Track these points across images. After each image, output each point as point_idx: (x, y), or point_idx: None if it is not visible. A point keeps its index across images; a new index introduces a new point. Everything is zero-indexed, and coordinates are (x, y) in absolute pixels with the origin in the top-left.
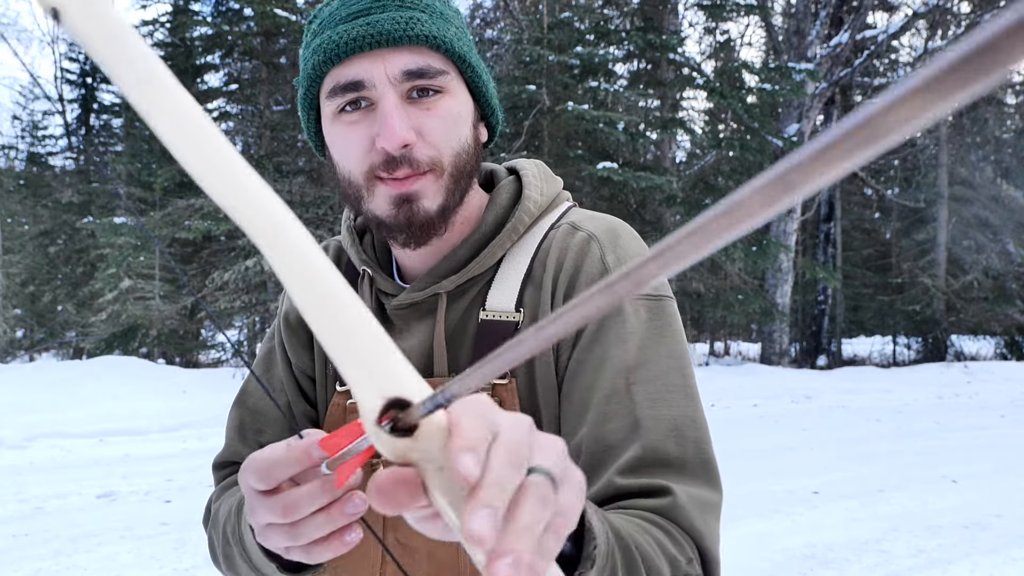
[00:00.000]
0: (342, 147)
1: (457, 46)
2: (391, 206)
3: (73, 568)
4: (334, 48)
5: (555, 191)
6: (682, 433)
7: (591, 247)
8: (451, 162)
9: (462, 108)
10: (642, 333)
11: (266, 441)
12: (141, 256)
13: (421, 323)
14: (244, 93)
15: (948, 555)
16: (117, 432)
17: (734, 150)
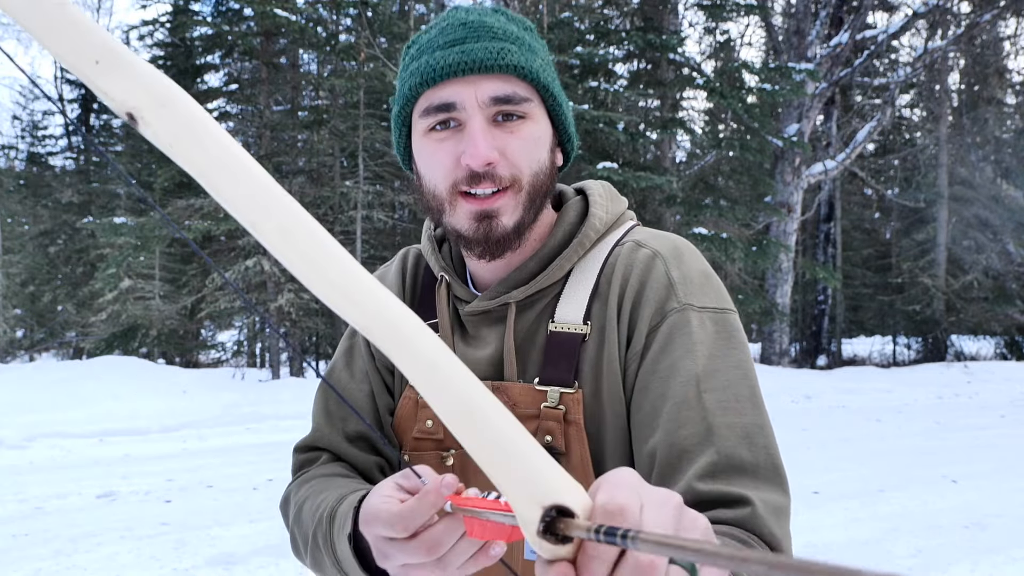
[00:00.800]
0: (429, 162)
1: (542, 76)
2: (472, 221)
3: (73, 568)
4: (430, 72)
5: (620, 210)
6: (753, 440)
7: (656, 264)
8: (529, 181)
9: (542, 133)
10: (709, 344)
11: (351, 430)
12: (141, 256)
13: (492, 330)
14: (244, 93)
15: (948, 555)
16: (117, 432)
17: (734, 150)
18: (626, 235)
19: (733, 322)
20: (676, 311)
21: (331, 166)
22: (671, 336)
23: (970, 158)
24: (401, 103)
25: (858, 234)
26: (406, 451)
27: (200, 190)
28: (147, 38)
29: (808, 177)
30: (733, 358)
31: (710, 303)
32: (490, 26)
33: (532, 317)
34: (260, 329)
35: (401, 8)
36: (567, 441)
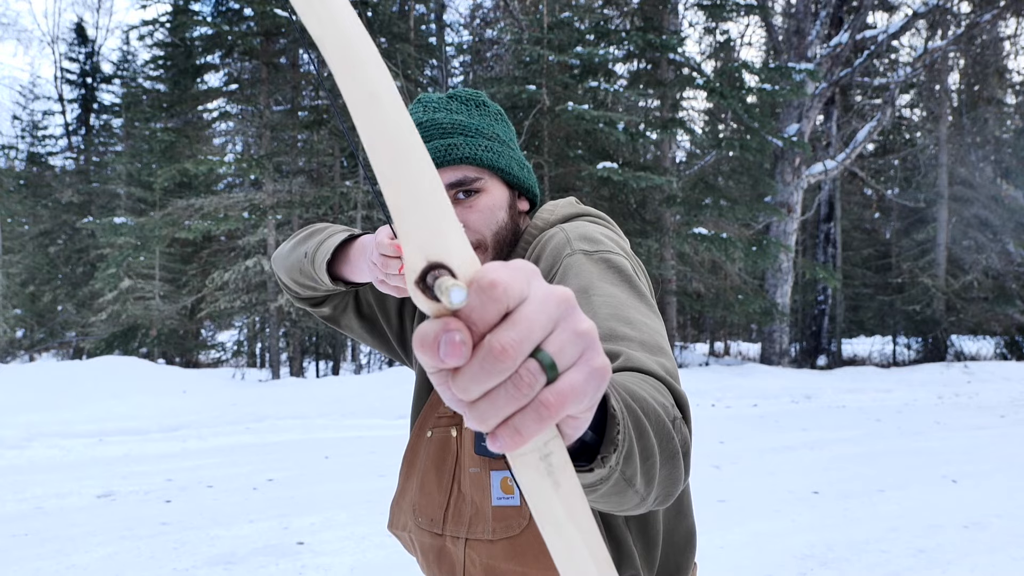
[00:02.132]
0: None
1: (487, 159)
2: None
3: (73, 568)
4: None
5: (565, 213)
6: (631, 321)
7: (557, 233)
8: (492, 240)
9: (497, 199)
10: (596, 275)
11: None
12: (141, 256)
13: None
14: (244, 93)
15: (948, 555)
16: (117, 432)
17: (734, 150)
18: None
19: (619, 262)
20: (568, 255)
21: (331, 166)
22: (564, 273)
23: (970, 158)
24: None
25: (858, 234)
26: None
27: (200, 190)
28: (147, 38)
29: (808, 177)
30: (620, 287)
31: (599, 248)
32: (439, 123)
33: None
34: (260, 329)
35: (401, 8)
36: None
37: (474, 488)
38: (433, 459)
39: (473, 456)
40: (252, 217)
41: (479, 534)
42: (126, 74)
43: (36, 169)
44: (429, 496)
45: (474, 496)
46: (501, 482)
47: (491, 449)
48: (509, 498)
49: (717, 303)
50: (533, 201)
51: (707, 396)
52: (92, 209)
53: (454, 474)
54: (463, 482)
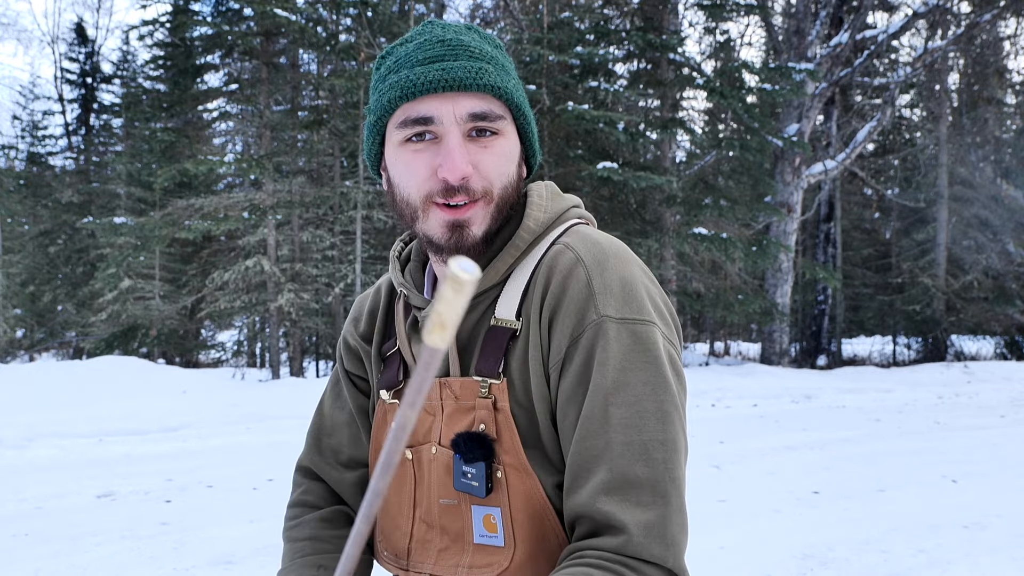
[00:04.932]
0: (404, 172)
1: (515, 96)
2: (444, 230)
3: (73, 568)
4: (411, 87)
5: (560, 208)
6: (651, 455)
7: (577, 271)
8: (499, 194)
9: (512, 149)
10: (622, 358)
11: (335, 443)
12: (141, 256)
13: None
14: (244, 93)
15: (948, 555)
16: (117, 432)
17: (734, 150)
18: (563, 235)
19: (650, 334)
20: (594, 323)
21: (331, 166)
22: (590, 350)
23: (970, 158)
24: (378, 114)
25: (858, 234)
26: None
27: (200, 190)
28: (147, 38)
29: (808, 177)
30: (645, 373)
31: (629, 314)
32: (467, 45)
33: (477, 315)
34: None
35: (401, 8)
36: (497, 428)
37: (448, 519)
38: (393, 486)
39: (442, 485)
40: (252, 217)
41: (449, 569)
42: (126, 74)
43: (36, 169)
44: (391, 523)
45: (448, 527)
46: (484, 519)
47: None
48: (493, 536)
49: (717, 303)
50: (530, 170)
51: (707, 396)
52: (92, 209)
53: (414, 501)
54: (431, 513)
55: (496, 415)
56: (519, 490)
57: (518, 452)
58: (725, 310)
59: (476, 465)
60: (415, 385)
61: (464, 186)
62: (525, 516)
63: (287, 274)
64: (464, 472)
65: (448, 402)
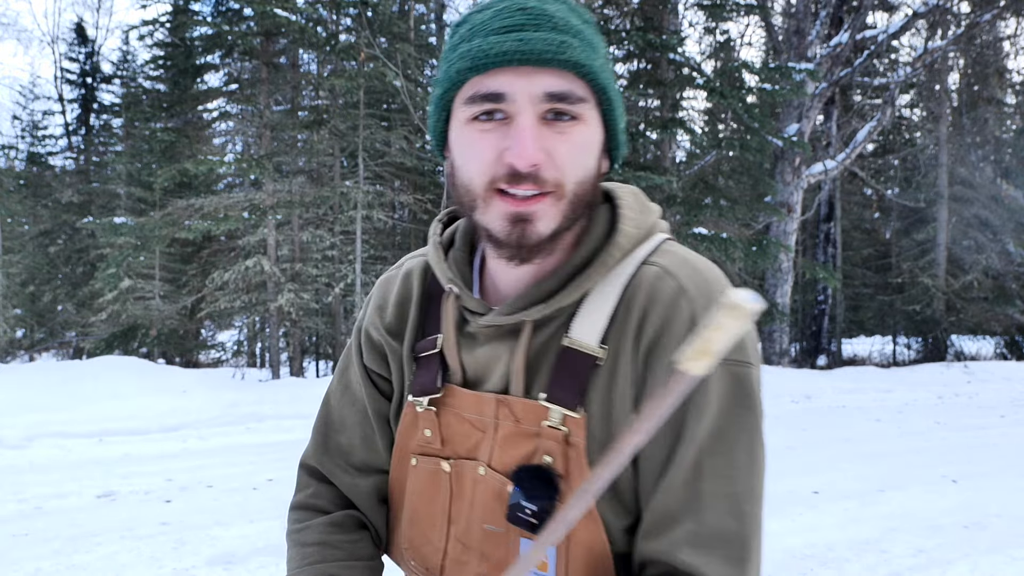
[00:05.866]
0: (468, 153)
1: (601, 77)
2: (505, 222)
3: (73, 568)
4: (482, 57)
5: (650, 223)
6: (741, 509)
7: (681, 303)
8: (572, 189)
9: (593, 138)
10: (722, 403)
11: (344, 442)
12: (141, 256)
13: (503, 344)
14: (244, 93)
15: (948, 555)
16: (117, 432)
17: (734, 150)
18: (654, 253)
19: (752, 378)
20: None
21: (331, 166)
22: (701, 397)
23: (970, 158)
24: (445, 86)
25: (858, 234)
26: (414, 455)
27: (200, 190)
28: (147, 38)
29: (808, 177)
30: (743, 420)
31: (732, 355)
32: (551, 15)
33: (548, 333)
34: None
35: (401, 8)
36: (567, 465)
37: (490, 546)
38: (422, 493)
39: (490, 510)
40: (252, 217)
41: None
42: (126, 74)
43: (36, 169)
44: (422, 535)
45: (489, 554)
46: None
47: None
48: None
49: None
50: (613, 164)
51: None
52: (92, 209)
53: (449, 516)
54: (470, 535)
55: (567, 450)
56: (581, 536)
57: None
58: None
59: (539, 503)
60: (654, 413)
61: (533, 175)
62: (582, 563)
63: (287, 274)
64: (522, 507)
65: (505, 422)
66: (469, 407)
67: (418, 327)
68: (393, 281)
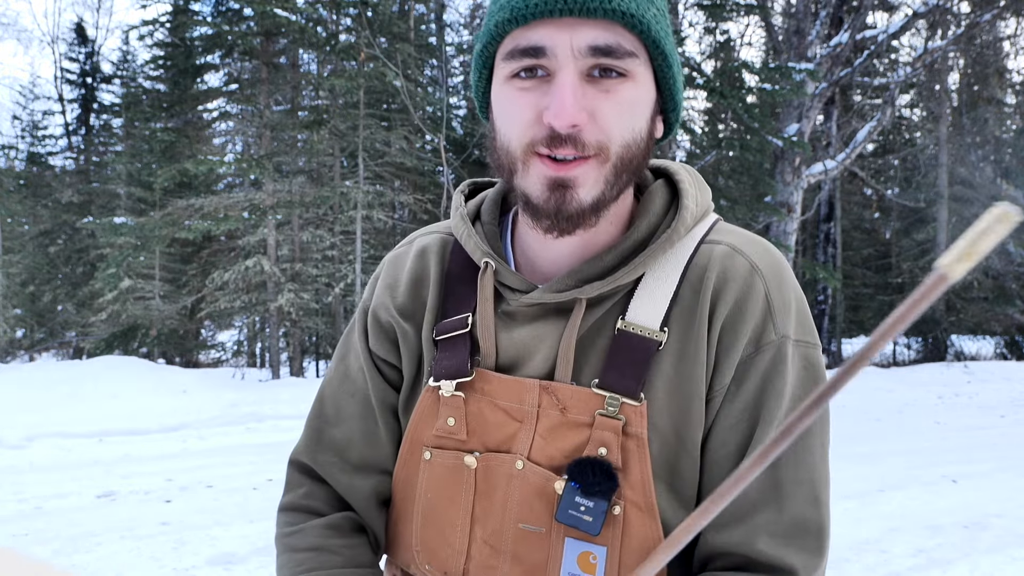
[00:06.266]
0: (507, 113)
1: (654, 29)
2: (543, 188)
3: (73, 568)
4: (521, 8)
5: (708, 201)
6: (818, 498)
7: (755, 281)
8: (618, 152)
9: (643, 97)
10: (797, 386)
11: (341, 436)
12: (141, 256)
13: (548, 324)
14: (244, 93)
15: (948, 555)
16: (117, 432)
17: (734, 150)
18: (712, 232)
19: (819, 360)
20: (773, 344)
21: (331, 166)
22: (766, 374)
23: (970, 158)
24: (484, 41)
25: (858, 234)
26: (428, 447)
27: (200, 190)
28: (147, 38)
29: (808, 177)
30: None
31: (803, 336)
32: None
33: (598, 315)
34: (260, 329)
35: (401, 8)
36: (625, 456)
37: (526, 548)
38: (439, 490)
39: (528, 507)
40: (252, 217)
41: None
42: (126, 74)
43: (36, 169)
44: (439, 537)
45: (523, 557)
46: (580, 556)
47: None
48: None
49: None
50: (669, 129)
51: None
52: (92, 209)
53: (472, 515)
54: (501, 536)
55: (626, 441)
56: (637, 532)
57: (647, 489)
58: None
59: (596, 499)
60: (894, 323)
61: (574, 136)
62: (636, 559)
63: (287, 274)
64: (577, 504)
65: (549, 411)
66: (506, 394)
67: (438, 308)
68: (404, 258)
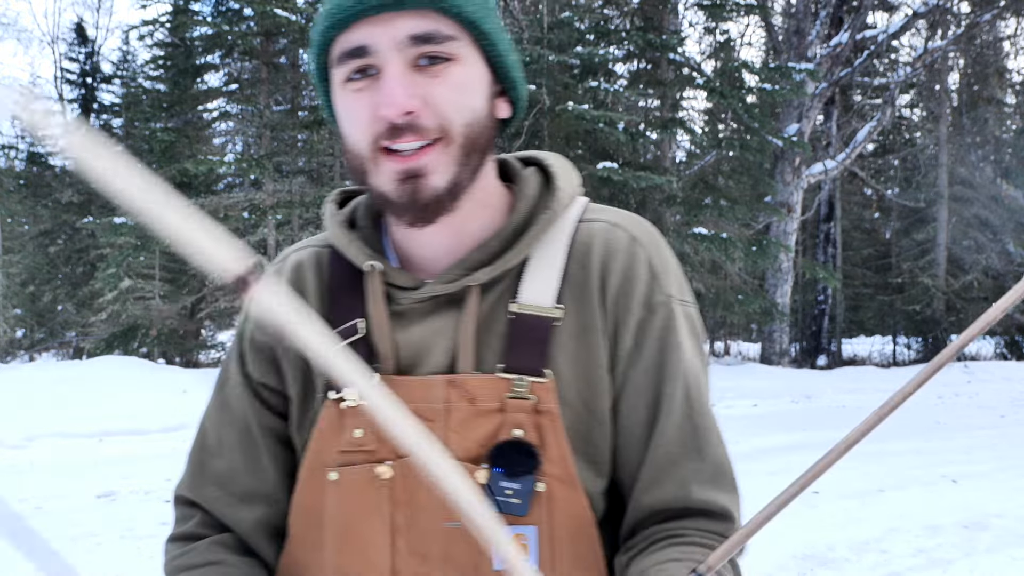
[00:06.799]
0: (348, 117)
1: (468, 10)
2: (395, 182)
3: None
4: (340, 12)
5: (578, 182)
6: (721, 439)
7: (637, 250)
8: (462, 132)
9: (474, 77)
10: (690, 342)
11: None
12: (141, 256)
13: (443, 317)
14: (244, 93)
15: (948, 555)
16: (117, 432)
17: (734, 150)
18: (587, 211)
19: (699, 318)
20: (663, 304)
21: (331, 166)
22: (662, 334)
23: (970, 158)
24: (315, 52)
25: (858, 234)
26: (332, 468)
27: (200, 189)
28: (147, 38)
29: (808, 177)
30: (701, 358)
31: (684, 296)
32: None
33: (491, 301)
34: None
35: None
36: (541, 434)
37: (455, 547)
38: (352, 510)
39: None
40: (252, 217)
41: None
42: (126, 74)
43: (36, 169)
44: (361, 559)
45: (454, 556)
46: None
47: None
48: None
49: (717, 303)
50: (516, 107)
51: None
52: (92, 209)
53: (392, 528)
54: (427, 541)
55: (539, 419)
56: (563, 506)
57: (566, 462)
58: (725, 310)
59: (522, 480)
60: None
61: (412, 124)
62: (566, 533)
63: None
64: (503, 488)
65: (459, 404)
66: (411, 395)
67: (327, 318)
68: (280, 276)
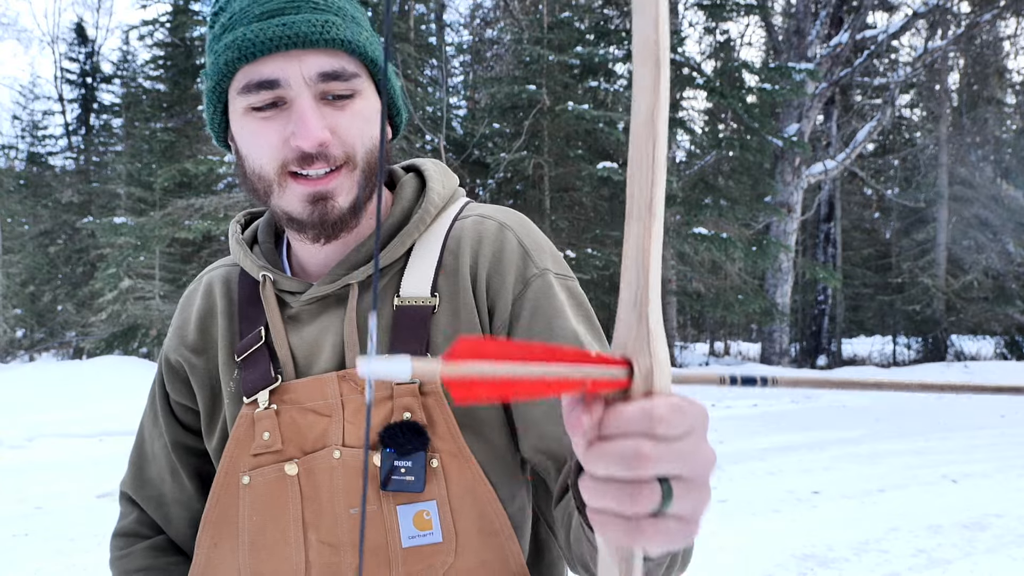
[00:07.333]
0: (253, 143)
1: (369, 51)
2: (305, 203)
3: (73, 568)
4: (249, 46)
5: (454, 185)
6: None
7: (506, 234)
8: (364, 158)
9: (373, 108)
10: (571, 310)
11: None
12: (141, 256)
13: (330, 316)
14: None
15: (948, 555)
16: (117, 432)
17: (734, 150)
18: (463, 210)
19: (581, 292)
20: (537, 276)
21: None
22: (538, 301)
23: (970, 158)
24: (216, 78)
25: (858, 234)
26: (246, 471)
27: (200, 189)
28: (147, 38)
29: (808, 177)
30: (588, 326)
31: (562, 271)
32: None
33: (379, 297)
34: None
35: (401, 8)
36: (428, 413)
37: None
38: (264, 510)
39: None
40: None
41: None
42: (126, 74)
43: (36, 169)
44: (274, 556)
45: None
46: (414, 518)
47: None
48: (427, 534)
49: (717, 303)
50: (396, 130)
51: (707, 396)
52: (92, 209)
53: (304, 523)
54: (336, 531)
55: (425, 400)
56: (458, 478)
57: (455, 437)
58: (725, 310)
59: (413, 457)
60: None
61: (323, 153)
62: (466, 504)
63: None
64: (397, 467)
65: (352, 397)
66: (309, 395)
67: (232, 335)
68: (193, 296)
